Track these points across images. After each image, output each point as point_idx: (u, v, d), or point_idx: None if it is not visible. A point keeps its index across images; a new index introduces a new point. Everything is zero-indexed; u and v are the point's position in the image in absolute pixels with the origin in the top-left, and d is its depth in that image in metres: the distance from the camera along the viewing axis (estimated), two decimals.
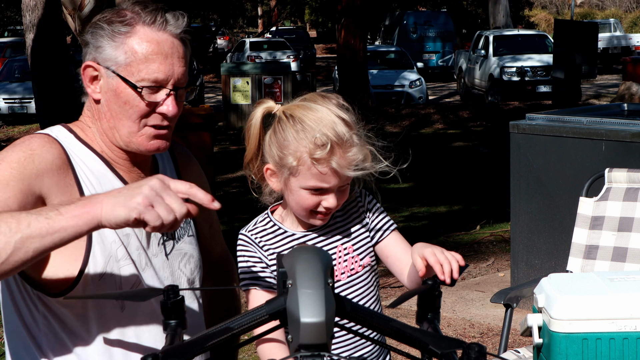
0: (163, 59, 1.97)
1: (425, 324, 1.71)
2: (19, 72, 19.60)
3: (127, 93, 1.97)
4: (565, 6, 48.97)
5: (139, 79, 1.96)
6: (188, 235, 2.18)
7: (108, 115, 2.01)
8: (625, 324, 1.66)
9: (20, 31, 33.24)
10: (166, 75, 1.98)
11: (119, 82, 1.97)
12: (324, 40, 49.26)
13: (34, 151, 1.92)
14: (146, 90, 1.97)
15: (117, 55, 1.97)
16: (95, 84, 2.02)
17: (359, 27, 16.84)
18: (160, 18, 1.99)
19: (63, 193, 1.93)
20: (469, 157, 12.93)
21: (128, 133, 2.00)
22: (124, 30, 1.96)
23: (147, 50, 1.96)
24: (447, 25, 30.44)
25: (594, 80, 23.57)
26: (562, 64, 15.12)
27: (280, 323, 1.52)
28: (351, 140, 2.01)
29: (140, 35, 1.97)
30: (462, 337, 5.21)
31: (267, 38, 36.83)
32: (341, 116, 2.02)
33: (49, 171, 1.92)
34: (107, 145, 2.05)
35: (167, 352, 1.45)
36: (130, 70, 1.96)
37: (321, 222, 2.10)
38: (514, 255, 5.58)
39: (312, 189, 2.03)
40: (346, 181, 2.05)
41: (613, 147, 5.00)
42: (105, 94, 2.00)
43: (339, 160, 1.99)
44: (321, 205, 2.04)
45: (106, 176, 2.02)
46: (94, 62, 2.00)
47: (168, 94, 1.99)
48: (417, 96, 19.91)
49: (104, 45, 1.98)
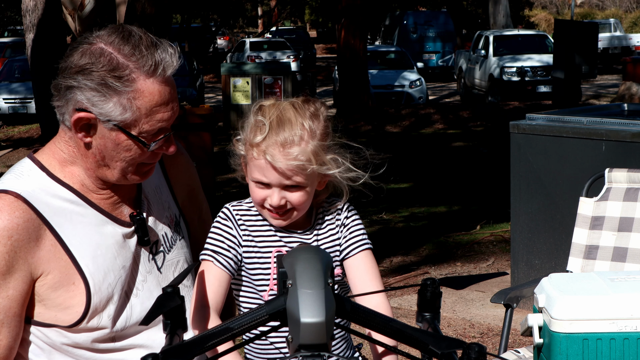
0: (165, 108, 1.93)
1: (425, 324, 1.71)
2: (19, 72, 19.60)
3: (128, 143, 1.93)
4: (565, 6, 48.97)
5: (142, 131, 1.92)
6: (179, 240, 2.19)
7: (99, 157, 1.96)
8: (625, 324, 1.66)
9: (20, 31, 33.26)
10: (169, 122, 1.96)
11: (120, 134, 1.92)
12: (324, 40, 49.27)
13: (10, 238, 1.89)
14: (152, 142, 1.94)
15: (120, 111, 1.89)
16: (87, 132, 1.93)
17: (359, 27, 16.83)
18: (160, 66, 1.90)
19: (48, 259, 1.94)
20: (469, 157, 12.92)
21: (122, 171, 1.97)
22: (122, 88, 1.88)
23: (149, 104, 1.91)
24: (447, 25, 30.43)
25: (594, 80, 23.57)
26: (562, 64, 15.13)
27: (280, 323, 1.51)
28: (295, 140, 1.98)
29: (142, 91, 1.89)
30: (462, 337, 5.21)
31: (267, 38, 36.82)
32: (303, 120, 2.00)
33: (25, 247, 1.91)
34: (90, 178, 2.01)
35: (167, 352, 1.45)
36: (135, 124, 1.91)
37: (276, 222, 2.06)
38: (514, 255, 5.57)
39: (256, 181, 2.02)
40: (294, 181, 2.00)
41: (613, 147, 4.99)
42: (100, 140, 1.94)
43: (275, 154, 1.97)
44: (266, 200, 2.03)
45: (82, 214, 1.99)
46: (88, 114, 1.90)
47: (167, 137, 1.97)
48: (417, 96, 19.91)
49: (102, 100, 1.88)
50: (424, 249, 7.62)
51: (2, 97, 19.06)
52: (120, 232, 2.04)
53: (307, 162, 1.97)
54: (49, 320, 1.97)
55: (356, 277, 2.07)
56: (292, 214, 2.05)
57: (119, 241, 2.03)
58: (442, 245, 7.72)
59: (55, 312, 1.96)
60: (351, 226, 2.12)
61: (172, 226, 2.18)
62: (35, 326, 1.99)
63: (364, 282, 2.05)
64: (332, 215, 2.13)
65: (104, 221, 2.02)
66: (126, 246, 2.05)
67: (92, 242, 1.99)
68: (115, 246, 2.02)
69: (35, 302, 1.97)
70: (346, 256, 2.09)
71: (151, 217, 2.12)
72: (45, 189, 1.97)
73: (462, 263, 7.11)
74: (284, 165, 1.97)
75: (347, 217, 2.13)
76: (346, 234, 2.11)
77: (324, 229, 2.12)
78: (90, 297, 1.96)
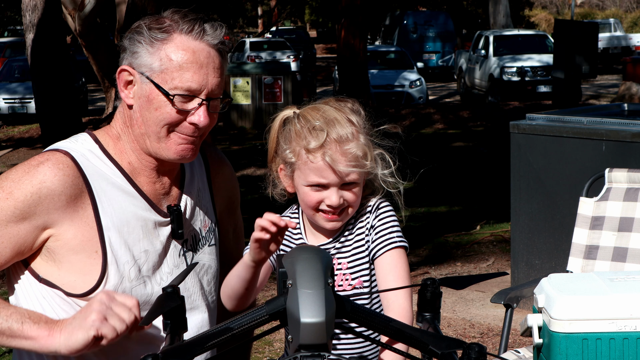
0: (198, 69, 1.97)
1: (425, 324, 1.71)
2: (19, 72, 19.60)
3: (159, 100, 1.97)
4: (566, 6, 48.96)
5: (172, 86, 1.96)
6: (209, 245, 2.20)
7: (140, 121, 2.01)
8: (625, 324, 1.66)
9: (20, 31, 33.24)
10: (199, 84, 1.97)
11: (152, 88, 1.97)
12: (324, 40, 49.23)
13: (42, 184, 1.92)
14: (178, 98, 1.96)
15: (153, 61, 1.96)
16: (129, 88, 2.02)
17: (359, 27, 16.82)
18: (198, 27, 1.99)
19: (72, 218, 1.95)
20: (469, 157, 12.92)
21: (157, 139, 2.00)
22: (161, 37, 1.96)
23: (182, 58, 1.96)
24: (447, 25, 30.42)
25: (594, 80, 23.55)
26: (562, 64, 15.13)
27: (280, 323, 1.52)
28: (349, 137, 2.01)
29: (176, 42, 1.97)
30: (462, 337, 5.21)
31: (267, 38, 36.81)
32: (347, 116, 2.04)
33: (57, 206, 1.93)
34: (136, 152, 2.05)
35: (167, 353, 1.45)
36: (164, 77, 1.96)
37: (330, 225, 2.07)
38: (514, 255, 5.57)
39: (312, 184, 2.03)
40: (350, 179, 2.03)
41: (613, 147, 4.99)
42: (138, 100, 2.00)
43: (333, 153, 1.99)
44: (323, 202, 2.04)
45: (123, 189, 2.02)
46: (129, 67, 2.00)
47: (200, 104, 1.98)
48: (417, 96, 19.90)
49: (140, 51, 1.98)
50: (424, 249, 7.62)
51: (1, 97, 19.06)
52: (153, 218, 2.06)
53: (363, 156, 2.01)
54: (57, 282, 1.98)
55: (379, 277, 2.07)
56: (347, 213, 2.07)
57: (148, 226, 2.05)
58: (442, 246, 7.72)
59: (74, 276, 1.96)
60: (378, 226, 2.10)
61: (204, 231, 2.19)
62: (41, 283, 1.99)
63: (387, 282, 2.04)
64: (365, 219, 2.12)
65: (142, 203, 2.05)
66: (155, 233, 2.06)
67: (122, 217, 2.01)
68: (143, 229, 2.04)
69: (47, 261, 1.97)
70: (374, 257, 2.08)
71: (187, 215, 2.14)
72: (96, 155, 2.02)
73: (462, 263, 7.11)
74: (343, 163, 1.99)
75: (377, 218, 2.11)
76: (374, 237, 2.10)
77: (354, 233, 2.12)
78: (106, 269, 1.97)
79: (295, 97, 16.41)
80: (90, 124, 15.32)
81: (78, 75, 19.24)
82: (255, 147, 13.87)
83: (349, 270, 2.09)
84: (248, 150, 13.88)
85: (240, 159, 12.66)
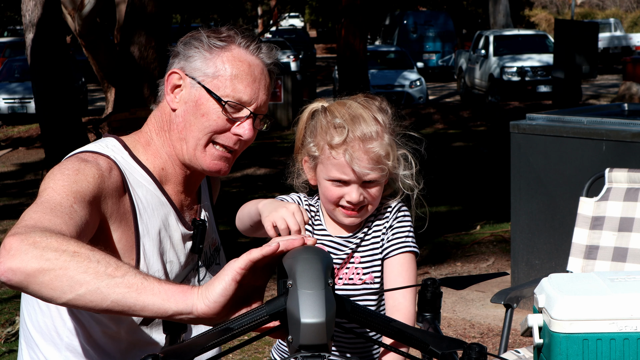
0: (251, 81, 1.97)
1: (425, 324, 1.71)
2: (18, 72, 19.61)
3: (208, 105, 1.96)
4: (566, 6, 48.96)
5: (224, 94, 1.96)
6: (216, 263, 2.20)
7: (181, 126, 1.99)
8: (625, 324, 1.66)
9: (20, 31, 33.25)
10: (250, 97, 1.98)
11: (202, 94, 1.96)
12: (324, 40, 49.23)
13: (103, 172, 1.90)
14: (228, 106, 1.96)
15: (207, 67, 1.97)
16: (175, 92, 2.01)
17: (359, 27, 16.82)
18: (255, 44, 2.00)
19: (120, 219, 1.92)
20: (469, 157, 12.92)
21: (195, 146, 1.99)
22: (220, 45, 1.97)
23: (237, 69, 1.96)
24: (447, 25, 30.42)
25: (594, 80, 23.56)
26: (562, 64, 15.13)
27: (281, 323, 1.51)
28: (374, 135, 2.02)
29: (234, 53, 1.97)
30: (463, 338, 5.21)
31: (267, 38, 36.83)
32: (374, 114, 2.05)
33: (113, 196, 1.91)
34: (171, 158, 2.03)
35: (167, 353, 1.45)
36: (217, 84, 1.96)
37: (349, 221, 2.10)
38: (514, 255, 5.57)
39: (334, 180, 2.05)
40: (370, 177, 2.04)
41: (613, 147, 4.99)
42: (184, 104, 1.99)
43: (355, 152, 2.01)
44: (344, 198, 2.05)
45: (157, 197, 2.01)
46: (180, 71, 1.99)
47: (248, 116, 1.98)
48: (417, 96, 19.91)
49: (195, 55, 1.98)
50: (424, 249, 7.62)
51: (1, 97, 19.06)
52: (180, 229, 2.06)
53: (385, 156, 2.03)
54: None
55: (386, 277, 2.10)
56: (366, 210, 2.09)
57: (177, 236, 2.05)
58: (442, 245, 7.72)
59: None
60: (395, 227, 2.13)
61: (211, 249, 2.19)
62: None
63: (395, 283, 2.07)
64: (384, 219, 2.15)
65: (172, 213, 2.04)
66: (180, 246, 2.05)
67: (156, 225, 1.99)
68: (172, 239, 2.03)
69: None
70: (385, 256, 2.11)
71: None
72: (128, 162, 2.00)
73: (462, 263, 7.11)
74: (364, 161, 2.01)
75: (396, 219, 2.14)
76: (390, 236, 2.13)
77: (372, 229, 2.14)
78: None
79: (296, 97, 16.42)
80: (89, 124, 15.29)
81: (78, 75, 19.25)
82: (256, 147, 13.87)
83: (361, 265, 2.12)
84: (248, 150, 13.88)
85: (240, 159, 12.65)
